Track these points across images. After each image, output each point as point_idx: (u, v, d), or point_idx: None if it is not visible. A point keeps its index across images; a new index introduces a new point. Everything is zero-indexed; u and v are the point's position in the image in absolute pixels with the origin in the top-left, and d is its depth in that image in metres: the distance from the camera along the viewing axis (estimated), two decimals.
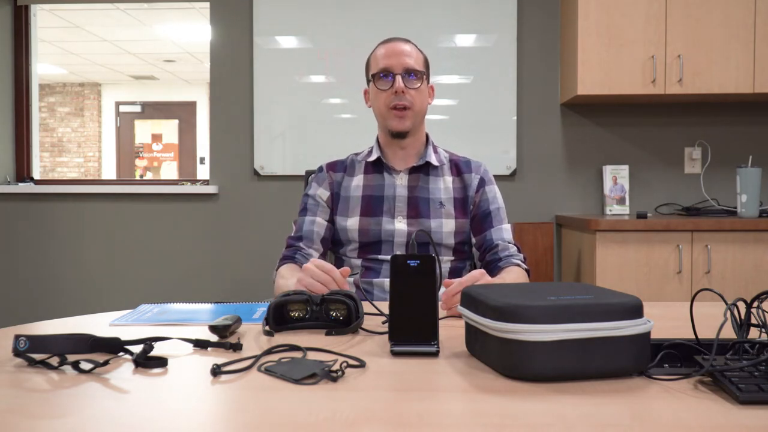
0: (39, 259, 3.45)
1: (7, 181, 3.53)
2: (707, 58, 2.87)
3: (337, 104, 3.31)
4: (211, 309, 1.22)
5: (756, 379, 0.69)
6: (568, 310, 0.75)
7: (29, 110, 3.60)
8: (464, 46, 3.27)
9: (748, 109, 3.22)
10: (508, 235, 1.59)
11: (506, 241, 1.57)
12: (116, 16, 5.92)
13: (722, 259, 2.67)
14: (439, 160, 1.63)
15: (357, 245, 1.57)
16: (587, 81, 2.90)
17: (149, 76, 9.14)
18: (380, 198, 1.58)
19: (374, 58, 1.60)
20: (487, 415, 0.65)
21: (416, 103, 1.55)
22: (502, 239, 1.57)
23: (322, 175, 1.66)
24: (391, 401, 0.70)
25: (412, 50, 1.57)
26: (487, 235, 1.57)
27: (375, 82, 1.57)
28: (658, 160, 3.26)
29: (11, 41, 3.55)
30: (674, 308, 1.21)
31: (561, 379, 0.75)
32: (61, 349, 0.85)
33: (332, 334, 1.01)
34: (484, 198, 1.60)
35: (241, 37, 3.33)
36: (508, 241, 1.58)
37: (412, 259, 0.91)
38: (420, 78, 1.55)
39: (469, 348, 0.88)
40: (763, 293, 0.82)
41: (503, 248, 1.55)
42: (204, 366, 0.83)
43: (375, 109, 1.60)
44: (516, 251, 1.57)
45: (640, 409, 0.67)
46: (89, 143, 9.72)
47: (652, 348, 0.78)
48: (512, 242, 1.59)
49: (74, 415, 0.66)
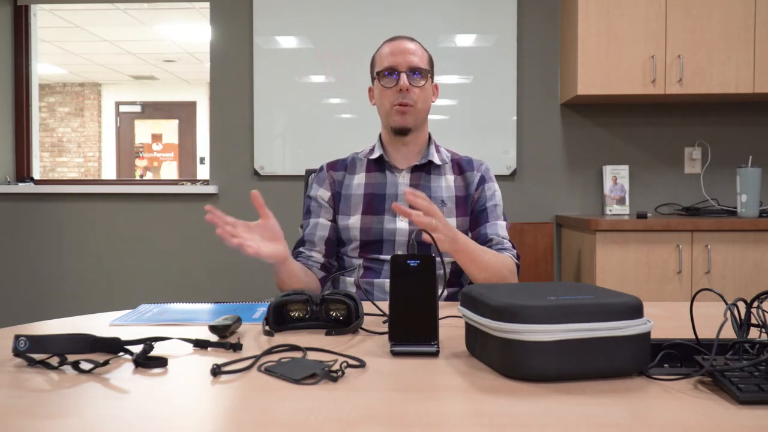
0: (39, 259, 3.45)
1: (7, 181, 3.53)
2: (707, 58, 2.87)
3: (337, 104, 3.31)
4: (211, 309, 1.22)
5: (756, 379, 0.70)
6: (568, 310, 0.75)
7: (29, 110, 3.60)
8: (464, 46, 3.27)
9: (748, 109, 3.22)
10: (503, 232, 1.58)
11: (501, 236, 1.57)
12: (116, 16, 5.92)
13: (722, 259, 2.67)
14: (441, 159, 1.63)
15: (358, 244, 1.57)
16: (587, 81, 2.90)
17: (149, 76, 9.14)
18: (382, 196, 1.58)
19: (379, 56, 1.60)
20: (487, 415, 0.65)
21: (420, 101, 1.55)
22: (497, 234, 1.56)
23: (323, 174, 1.66)
24: (391, 401, 0.70)
25: (417, 48, 1.58)
26: (482, 229, 1.57)
27: (380, 80, 1.57)
28: (658, 160, 3.26)
29: (11, 41, 3.55)
30: (674, 308, 1.21)
31: (561, 379, 0.75)
32: (61, 349, 0.86)
33: (332, 334, 1.01)
34: (483, 195, 1.60)
35: (241, 37, 3.33)
36: (503, 237, 1.57)
37: (412, 259, 0.91)
38: (424, 76, 1.56)
39: (469, 348, 0.88)
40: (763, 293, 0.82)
41: (497, 242, 1.54)
42: (204, 366, 0.83)
43: (379, 106, 1.61)
44: (510, 246, 1.56)
45: (640, 409, 0.67)
46: (89, 143, 9.72)
47: (652, 348, 0.78)
48: (507, 238, 1.58)
49: (74, 415, 0.66)
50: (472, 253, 1.38)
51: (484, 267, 1.40)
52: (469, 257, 1.37)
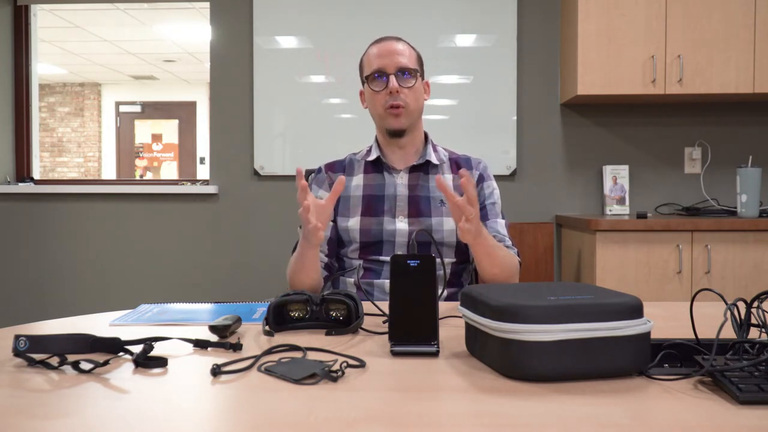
0: (39, 259, 3.45)
1: (7, 181, 3.53)
2: (707, 58, 2.87)
3: (337, 104, 3.31)
4: (211, 309, 1.22)
5: (756, 379, 0.70)
6: (568, 310, 0.75)
7: (29, 110, 3.60)
8: (464, 46, 3.27)
9: (748, 109, 3.22)
10: (503, 229, 1.58)
11: (501, 234, 1.57)
12: (116, 16, 5.92)
13: (722, 259, 2.67)
14: (439, 158, 1.63)
15: (358, 245, 1.57)
16: (587, 81, 2.90)
17: (149, 76, 9.14)
18: (381, 197, 1.58)
19: (367, 59, 1.59)
20: (487, 415, 0.65)
21: (411, 102, 1.54)
22: (497, 231, 1.56)
23: (321, 176, 1.66)
24: (391, 401, 0.70)
25: (404, 48, 1.56)
26: None
27: (369, 84, 1.56)
28: (658, 160, 3.26)
29: (11, 41, 3.55)
30: (674, 308, 1.21)
31: (561, 379, 0.75)
32: (61, 349, 0.86)
33: (332, 334, 1.01)
34: (482, 193, 1.60)
35: (241, 37, 3.33)
36: (504, 234, 1.57)
37: (412, 259, 0.91)
38: (414, 76, 1.55)
39: (469, 348, 0.88)
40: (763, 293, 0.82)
41: (499, 240, 1.54)
42: (204, 366, 0.83)
43: (371, 110, 1.60)
44: (511, 245, 1.56)
45: (640, 409, 0.67)
46: (89, 143, 9.72)
47: (652, 348, 0.78)
48: (507, 236, 1.58)
49: (74, 415, 0.66)
50: (489, 247, 1.40)
51: (498, 263, 1.42)
52: (485, 251, 1.39)
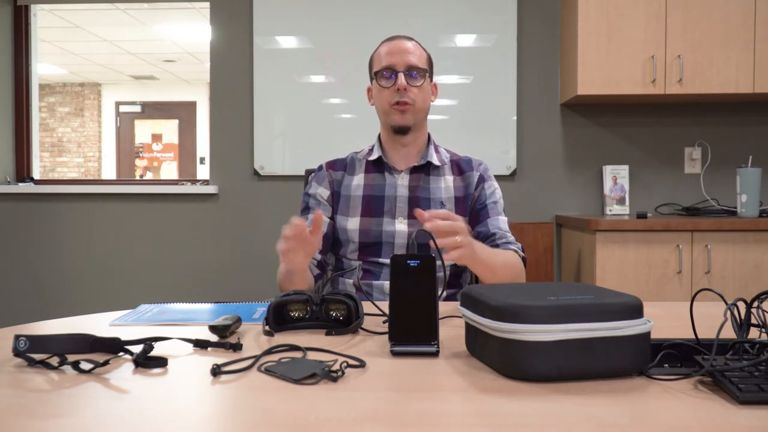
0: (39, 259, 3.45)
1: (7, 181, 3.53)
2: (707, 58, 2.87)
3: (337, 104, 3.31)
4: (211, 309, 1.22)
5: (756, 379, 0.69)
6: (568, 310, 0.75)
7: (29, 110, 3.60)
8: (464, 46, 3.27)
9: (748, 109, 3.22)
10: (505, 226, 1.58)
11: (503, 230, 1.57)
12: (116, 16, 5.92)
13: (722, 259, 2.67)
14: (441, 159, 1.62)
15: (357, 246, 1.56)
16: (587, 81, 2.90)
17: (149, 76, 9.14)
18: (381, 198, 1.58)
19: (377, 56, 1.60)
20: (487, 415, 0.65)
21: (418, 101, 1.55)
22: (499, 228, 1.56)
23: (322, 173, 1.66)
24: (391, 401, 0.70)
25: (415, 48, 1.57)
26: (484, 225, 1.56)
27: (378, 80, 1.57)
28: (658, 160, 3.26)
29: (11, 41, 3.55)
30: (674, 308, 1.21)
31: (561, 379, 0.75)
32: (61, 349, 0.85)
33: (332, 334, 1.01)
34: (483, 193, 1.60)
35: (241, 37, 3.33)
36: (505, 230, 1.57)
37: (412, 259, 0.91)
38: (422, 76, 1.55)
39: (469, 348, 0.88)
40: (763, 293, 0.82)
41: (501, 236, 1.54)
42: (204, 366, 0.83)
43: (377, 106, 1.60)
44: (514, 240, 1.56)
45: (640, 409, 0.67)
46: (89, 143, 9.72)
47: (652, 348, 0.78)
48: (510, 232, 1.58)
49: (74, 415, 0.66)
50: (487, 260, 1.37)
51: (499, 272, 1.40)
52: (483, 265, 1.36)
